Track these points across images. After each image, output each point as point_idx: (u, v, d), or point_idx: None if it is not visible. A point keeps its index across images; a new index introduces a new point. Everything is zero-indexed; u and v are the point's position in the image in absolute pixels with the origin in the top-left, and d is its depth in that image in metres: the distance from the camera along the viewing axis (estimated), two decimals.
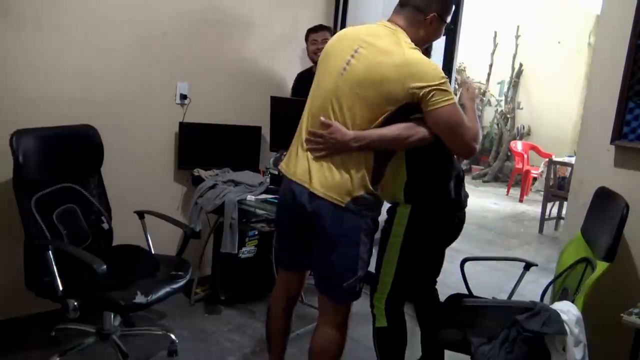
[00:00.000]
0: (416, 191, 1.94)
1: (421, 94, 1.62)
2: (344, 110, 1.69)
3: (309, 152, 1.74)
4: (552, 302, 1.93)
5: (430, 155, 1.90)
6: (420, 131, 1.70)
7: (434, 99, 1.62)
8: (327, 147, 1.69)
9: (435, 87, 1.62)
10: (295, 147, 1.82)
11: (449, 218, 2.07)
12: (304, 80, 3.36)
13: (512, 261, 2.45)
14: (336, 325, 1.86)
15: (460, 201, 2.07)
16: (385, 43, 1.67)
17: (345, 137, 1.66)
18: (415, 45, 1.71)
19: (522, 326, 1.69)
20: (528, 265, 2.28)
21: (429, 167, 1.96)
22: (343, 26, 3.66)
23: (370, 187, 1.71)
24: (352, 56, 1.68)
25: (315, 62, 3.23)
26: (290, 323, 2.08)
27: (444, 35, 1.93)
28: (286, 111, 3.15)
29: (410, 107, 1.68)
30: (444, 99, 1.63)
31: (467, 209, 2.19)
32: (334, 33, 3.48)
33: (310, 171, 1.72)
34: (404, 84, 1.62)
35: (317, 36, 3.19)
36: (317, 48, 3.18)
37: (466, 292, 2.28)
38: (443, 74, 1.65)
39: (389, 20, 1.76)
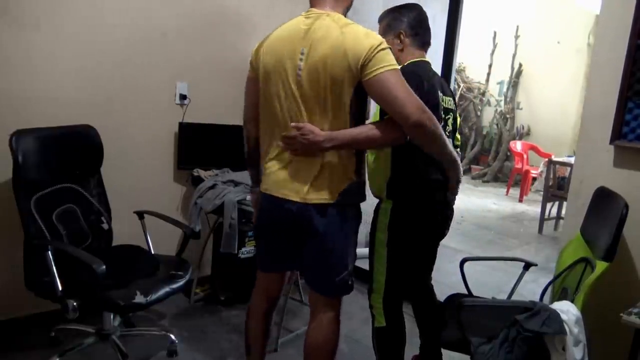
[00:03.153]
0: (397, 186, 1.98)
1: (359, 66, 1.58)
2: (311, 114, 1.67)
3: (294, 162, 1.72)
4: (552, 302, 1.93)
5: (411, 152, 1.90)
6: (393, 131, 1.66)
7: (369, 67, 1.58)
8: (301, 147, 1.68)
9: (370, 56, 1.57)
10: (276, 160, 1.78)
11: (430, 212, 2.07)
12: None
13: (512, 261, 2.45)
14: (330, 321, 1.86)
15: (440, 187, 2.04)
16: (321, 32, 1.65)
17: (317, 137, 1.65)
18: (345, 11, 1.76)
19: (522, 326, 1.69)
20: (527, 265, 2.28)
21: (409, 163, 1.98)
22: None
23: (353, 177, 1.74)
24: (301, 60, 1.66)
25: None
26: (270, 326, 2.06)
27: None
28: None
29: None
30: (380, 65, 1.57)
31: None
32: None
33: (291, 178, 1.72)
34: (347, 58, 1.59)
35: None
36: None
37: (466, 292, 2.29)
38: (381, 41, 1.60)
39: (316, 6, 1.75)
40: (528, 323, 1.69)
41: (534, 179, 6.84)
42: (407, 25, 2.03)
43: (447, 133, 2.01)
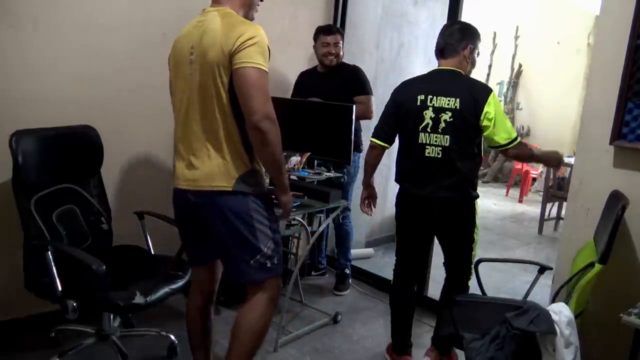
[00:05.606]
0: (396, 173, 2.42)
1: (229, 55, 1.65)
2: (207, 99, 1.74)
3: (187, 154, 1.82)
4: None
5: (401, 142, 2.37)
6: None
7: (236, 59, 1.64)
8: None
9: (239, 48, 1.63)
10: (179, 155, 1.88)
11: (401, 199, 2.40)
12: (305, 79, 3.37)
13: (526, 264, 2.47)
14: (258, 302, 1.87)
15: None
16: (207, 25, 1.74)
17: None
18: (245, 11, 1.84)
19: (510, 323, 1.70)
20: (542, 269, 2.25)
21: (399, 151, 2.39)
22: (342, 26, 3.67)
23: (248, 165, 1.78)
24: (191, 54, 1.76)
25: (323, 64, 3.23)
26: (208, 322, 2.09)
27: None
28: (285, 111, 3.14)
29: None
30: (244, 60, 1.63)
31: None
32: (341, 33, 3.49)
33: (192, 171, 1.80)
34: (221, 47, 1.66)
35: (330, 39, 3.15)
36: (328, 52, 3.16)
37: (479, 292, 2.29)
38: (253, 35, 1.65)
39: (212, 4, 1.84)
40: (516, 321, 1.70)
41: (534, 179, 6.86)
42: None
43: (439, 130, 2.22)
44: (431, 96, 2.23)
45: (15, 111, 2.37)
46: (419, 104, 2.24)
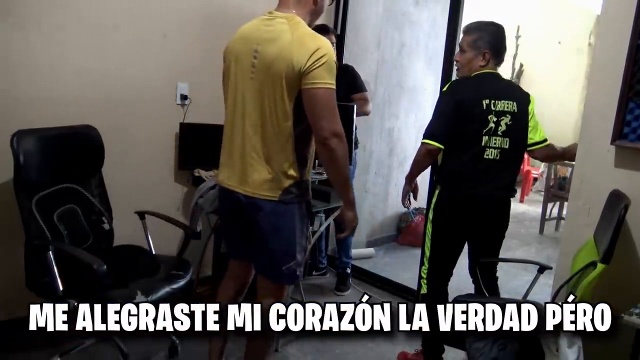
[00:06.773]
0: (438, 174, 2.39)
1: (300, 73, 1.68)
2: (260, 110, 1.77)
3: (237, 156, 1.84)
4: None
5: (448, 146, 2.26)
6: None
7: (308, 78, 1.68)
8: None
9: (311, 68, 1.67)
10: (227, 153, 1.90)
11: (451, 202, 2.32)
12: None
13: (526, 264, 2.49)
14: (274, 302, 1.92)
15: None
16: (275, 32, 1.75)
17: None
18: (310, 19, 1.84)
19: None
20: (542, 269, 2.28)
21: (444, 155, 2.30)
22: (343, 25, 3.67)
23: (297, 176, 1.81)
24: (255, 57, 1.77)
25: None
26: None
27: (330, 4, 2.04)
28: None
29: None
30: (317, 81, 1.68)
31: None
32: (335, 33, 3.50)
33: (241, 175, 1.83)
34: (292, 62, 1.68)
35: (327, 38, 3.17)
36: None
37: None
38: (324, 53, 1.69)
39: (279, 8, 1.85)
40: None
41: (535, 179, 6.85)
42: (491, 46, 2.34)
43: (499, 133, 2.28)
44: (494, 100, 2.28)
45: (16, 111, 2.37)
46: (484, 108, 2.27)
